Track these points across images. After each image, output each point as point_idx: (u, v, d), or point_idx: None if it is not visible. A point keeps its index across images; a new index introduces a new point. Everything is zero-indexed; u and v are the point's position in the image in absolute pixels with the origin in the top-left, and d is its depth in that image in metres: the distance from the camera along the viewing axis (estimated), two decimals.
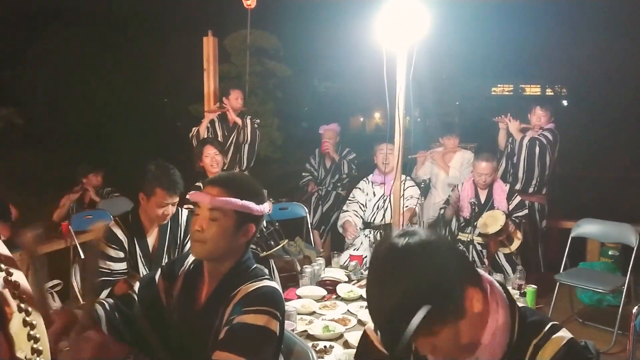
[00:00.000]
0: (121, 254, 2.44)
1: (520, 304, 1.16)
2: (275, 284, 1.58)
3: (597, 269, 4.30)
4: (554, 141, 4.31)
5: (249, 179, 1.69)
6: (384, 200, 4.05)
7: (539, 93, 18.82)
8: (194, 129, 4.60)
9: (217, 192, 1.52)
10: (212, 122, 4.66)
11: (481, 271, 1.14)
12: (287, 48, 8.68)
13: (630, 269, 3.68)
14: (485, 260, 3.78)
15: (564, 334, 1.08)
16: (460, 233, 4.01)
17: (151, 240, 2.52)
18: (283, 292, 3.12)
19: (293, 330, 2.30)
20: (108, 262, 2.40)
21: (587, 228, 4.02)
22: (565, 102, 17.29)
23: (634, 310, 2.35)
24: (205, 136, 4.49)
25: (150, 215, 2.47)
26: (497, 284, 1.14)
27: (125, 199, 4.67)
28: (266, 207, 1.62)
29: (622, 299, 3.63)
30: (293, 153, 8.21)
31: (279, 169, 8.61)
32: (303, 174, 5.41)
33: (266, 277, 1.59)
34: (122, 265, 2.44)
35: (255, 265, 1.63)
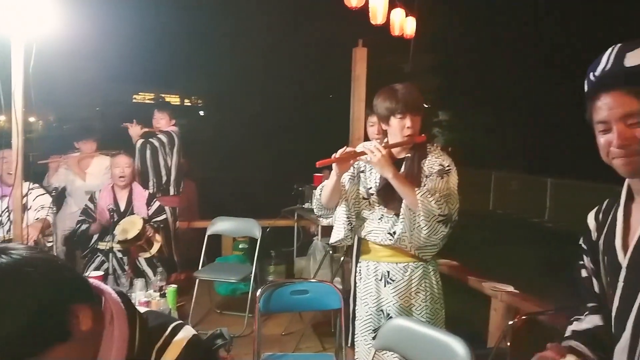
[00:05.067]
0: None
1: (144, 309, 1.15)
2: None
3: (231, 261, 4.77)
4: (169, 142, 4.49)
5: None
6: (9, 214, 3.52)
7: (178, 102, 19.72)
8: None
9: None
10: None
11: (96, 282, 1.08)
12: None
13: (255, 258, 4.21)
14: (127, 267, 3.71)
15: (186, 333, 1.10)
16: (99, 242, 3.82)
17: None
18: None
19: None
20: None
21: (221, 225, 4.39)
22: (202, 112, 18.66)
23: (258, 293, 2.67)
24: None
25: None
26: (114, 294, 1.09)
27: None
28: None
29: (251, 285, 4.11)
30: None
31: None
32: None
33: None
34: None
35: None
